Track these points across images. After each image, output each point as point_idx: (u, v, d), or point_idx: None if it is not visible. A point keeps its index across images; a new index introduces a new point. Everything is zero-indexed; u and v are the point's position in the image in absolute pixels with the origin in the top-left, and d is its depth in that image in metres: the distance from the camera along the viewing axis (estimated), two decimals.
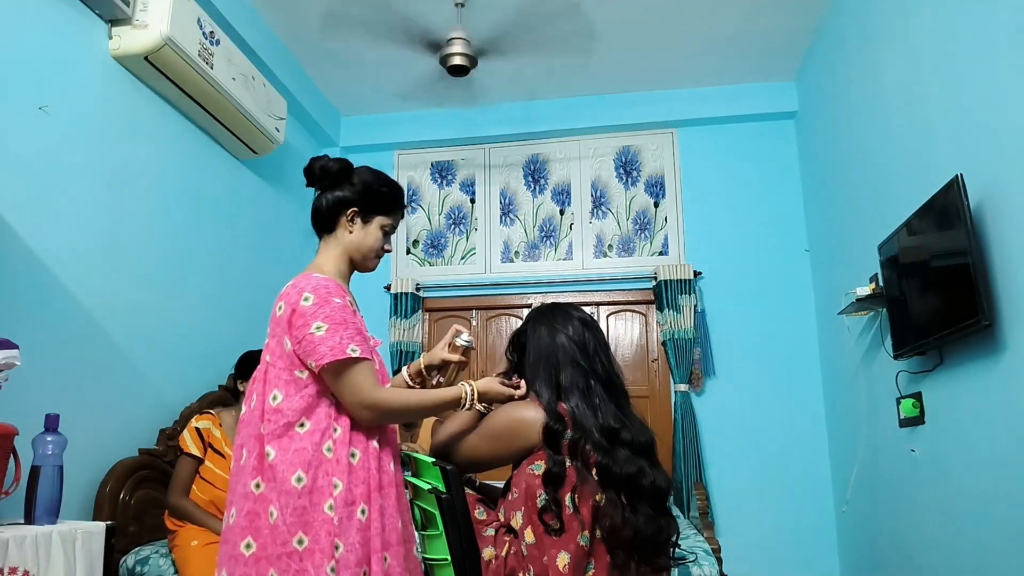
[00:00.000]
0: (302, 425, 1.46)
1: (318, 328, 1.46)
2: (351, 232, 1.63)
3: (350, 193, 1.63)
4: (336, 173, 1.64)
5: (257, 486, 1.43)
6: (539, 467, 1.55)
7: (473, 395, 1.61)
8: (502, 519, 1.63)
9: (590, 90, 4.25)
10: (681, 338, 3.91)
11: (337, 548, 1.39)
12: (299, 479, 1.42)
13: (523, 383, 1.68)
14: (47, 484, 1.83)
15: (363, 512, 1.44)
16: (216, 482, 2.49)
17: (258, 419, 1.48)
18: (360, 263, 1.66)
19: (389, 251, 1.71)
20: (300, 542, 1.39)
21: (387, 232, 1.67)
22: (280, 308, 1.53)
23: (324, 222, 1.65)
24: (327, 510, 1.41)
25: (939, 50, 2.38)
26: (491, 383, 1.66)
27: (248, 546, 1.40)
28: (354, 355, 1.45)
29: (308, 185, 1.68)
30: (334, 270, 1.62)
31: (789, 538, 3.72)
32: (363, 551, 1.41)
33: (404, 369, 1.85)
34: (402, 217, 1.74)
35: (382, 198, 1.65)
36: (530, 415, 1.59)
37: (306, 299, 1.49)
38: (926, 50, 2.47)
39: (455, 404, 1.61)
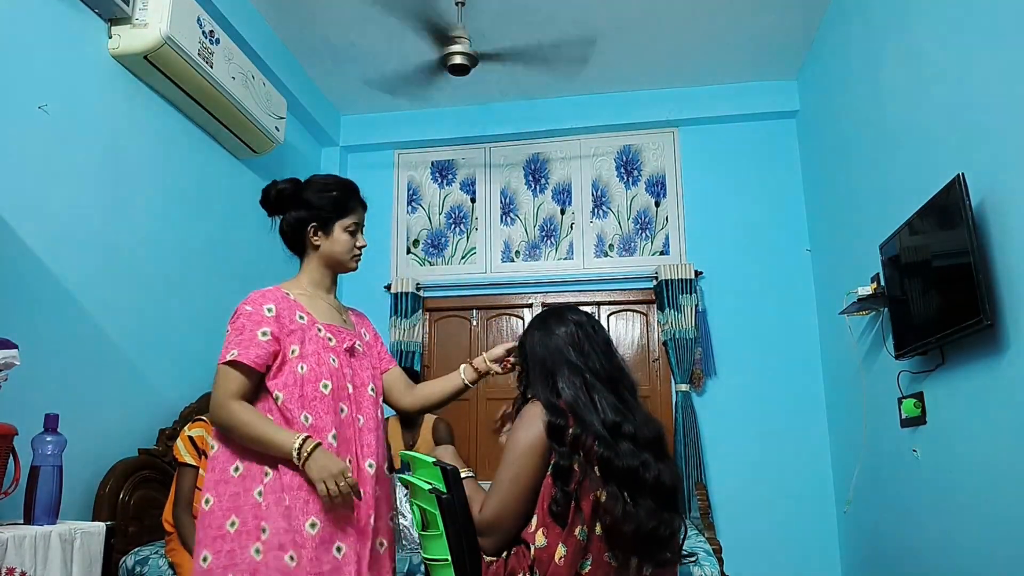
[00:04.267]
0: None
1: (227, 334, 1.63)
2: (318, 246, 1.76)
3: (304, 212, 1.74)
4: (289, 195, 1.76)
5: (237, 469, 1.60)
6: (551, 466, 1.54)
7: (302, 450, 1.50)
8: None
9: (591, 89, 4.24)
10: (682, 338, 3.90)
11: (263, 531, 1.53)
12: (236, 469, 1.59)
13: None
14: (46, 484, 1.83)
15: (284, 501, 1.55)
16: None
17: None
18: (339, 267, 1.79)
19: (363, 245, 1.80)
20: (233, 525, 1.54)
21: (352, 231, 1.77)
22: None
23: (295, 244, 1.79)
24: (256, 495, 1.56)
25: (941, 49, 2.37)
26: (323, 456, 1.52)
27: (232, 523, 1.55)
28: (230, 358, 1.57)
29: (270, 215, 1.80)
30: (308, 280, 1.77)
31: (790, 538, 3.71)
32: (286, 536, 1.52)
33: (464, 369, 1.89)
34: (363, 209, 1.82)
35: (331, 206, 1.75)
36: (539, 425, 1.56)
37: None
38: (928, 49, 2.47)
39: (284, 448, 1.51)
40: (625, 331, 4.20)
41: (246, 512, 1.54)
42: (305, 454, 1.51)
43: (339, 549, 1.56)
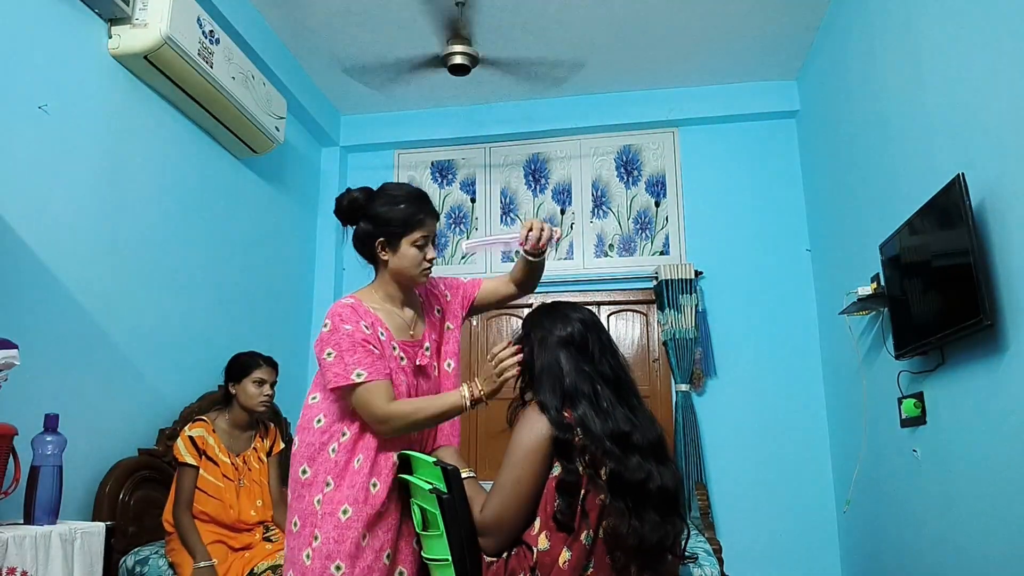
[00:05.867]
0: (319, 421, 1.68)
1: (328, 355, 1.64)
2: (387, 261, 1.74)
3: (372, 227, 1.72)
4: (360, 205, 1.73)
5: (304, 472, 1.67)
6: (555, 469, 1.52)
7: (471, 393, 1.63)
8: None
9: (591, 89, 4.24)
10: (682, 338, 3.90)
11: (315, 538, 1.58)
12: (304, 471, 1.64)
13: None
14: (46, 484, 1.83)
15: (345, 512, 1.59)
16: (209, 489, 2.45)
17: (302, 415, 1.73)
18: (408, 282, 1.77)
19: (433, 258, 1.76)
20: (295, 525, 1.63)
21: (422, 245, 1.73)
22: None
23: (366, 255, 1.78)
24: (315, 504, 1.61)
25: (941, 49, 2.37)
26: (485, 372, 1.65)
27: (295, 524, 1.66)
28: (358, 380, 1.60)
29: (343, 224, 1.78)
30: (383, 294, 1.77)
31: (790, 538, 3.71)
32: (336, 547, 1.57)
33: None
34: (434, 220, 1.77)
35: (398, 221, 1.71)
36: (542, 429, 1.54)
37: (325, 326, 1.67)
38: (928, 49, 2.46)
39: (458, 406, 1.64)
40: (625, 331, 4.20)
41: (305, 517, 1.62)
42: (472, 399, 1.62)
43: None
